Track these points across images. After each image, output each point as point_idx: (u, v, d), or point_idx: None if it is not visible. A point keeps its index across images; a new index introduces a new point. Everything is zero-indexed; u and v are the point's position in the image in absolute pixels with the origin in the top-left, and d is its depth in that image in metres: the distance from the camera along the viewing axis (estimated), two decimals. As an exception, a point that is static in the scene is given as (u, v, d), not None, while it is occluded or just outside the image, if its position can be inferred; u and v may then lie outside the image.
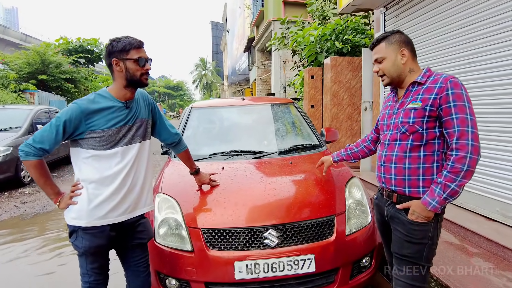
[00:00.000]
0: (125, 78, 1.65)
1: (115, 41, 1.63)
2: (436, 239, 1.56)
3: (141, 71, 1.65)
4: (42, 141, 1.55)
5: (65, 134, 1.57)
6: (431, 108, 1.49)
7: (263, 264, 1.95)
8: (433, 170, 1.53)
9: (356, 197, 2.34)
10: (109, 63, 1.65)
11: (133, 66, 1.63)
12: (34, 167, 1.57)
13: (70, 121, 1.57)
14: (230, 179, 2.39)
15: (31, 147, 1.53)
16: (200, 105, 3.61)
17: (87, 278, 1.71)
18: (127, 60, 1.62)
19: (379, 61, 1.64)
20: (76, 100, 1.65)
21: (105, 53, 1.67)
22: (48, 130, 1.55)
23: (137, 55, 1.63)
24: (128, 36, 1.67)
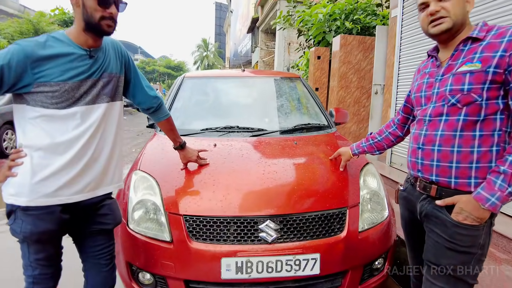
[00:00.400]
0: (82, 18, 1.24)
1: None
2: (487, 249, 1.19)
3: (101, 13, 1.22)
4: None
5: (3, 85, 1.17)
6: (495, 70, 1.09)
7: (256, 263, 1.58)
8: (491, 155, 1.14)
9: (372, 187, 1.96)
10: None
11: (91, 3, 1.21)
12: None
13: (10, 68, 1.15)
14: (223, 159, 2.00)
15: None
16: (193, 74, 3.19)
17: (31, 272, 1.32)
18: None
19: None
20: (19, 40, 1.23)
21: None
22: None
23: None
24: None
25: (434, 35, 1.23)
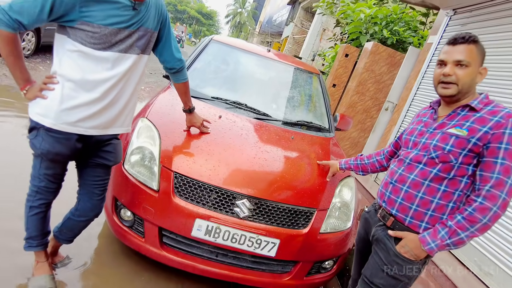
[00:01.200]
0: None
1: None
2: (413, 281, 1.39)
3: None
4: (21, 12, 1.26)
5: (52, 15, 1.29)
6: (476, 142, 1.24)
7: (224, 231, 1.80)
8: (446, 209, 1.31)
9: (345, 198, 2.14)
10: None
11: None
12: (5, 40, 1.30)
13: (62, 2, 1.28)
14: (223, 132, 2.16)
15: (5, 14, 1.25)
16: (221, 39, 3.26)
17: (37, 182, 1.52)
18: None
19: (461, 65, 1.28)
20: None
21: None
22: (32, 2, 1.26)
23: None
24: None
25: (439, 95, 1.37)
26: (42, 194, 1.56)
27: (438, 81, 1.35)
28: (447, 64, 1.31)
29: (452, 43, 1.32)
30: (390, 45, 6.50)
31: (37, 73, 5.46)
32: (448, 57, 1.31)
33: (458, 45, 1.30)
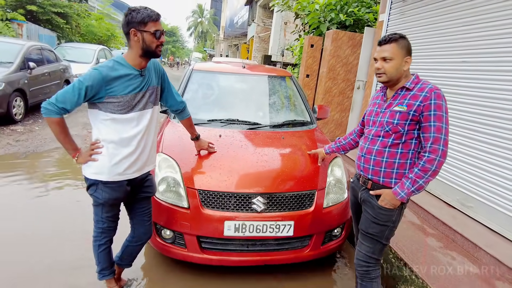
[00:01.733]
0: (141, 48, 1.77)
1: (135, 12, 1.72)
2: (397, 223, 1.85)
3: (156, 43, 1.78)
4: (64, 101, 1.69)
5: (86, 97, 1.72)
6: (414, 113, 1.70)
7: (249, 225, 2.24)
8: (406, 165, 1.78)
9: (337, 175, 2.61)
10: (127, 32, 1.75)
11: (150, 38, 1.75)
12: (56, 124, 1.73)
13: (92, 87, 1.70)
14: (227, 147, 2.61)
15: (54, 105, 1.68)
16: (200, 67, 3.70)
17: (101, 225, 1.96)
18: (145, 32, 1.73)
19: (386, 60, 1.74)
20: (97, 66, 1.77)
21: (123, 22, 1.76)
22: (71, 92, 1.69)
23: (154, 28, 1.75)
24: (146, 7, 1.76)
25: (379, 82, 1.84)
26: (106, 233, 1.99)
27: (375, 72, 1.83)
28: (377, 60, 1.79)
29: (379, 44, 1.80)
30: (350, 26, 7.01)
31: (33, 134, 5.80)
32: (377, 55, 1.79)
33: (383, 45, 1.77)
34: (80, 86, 1.69)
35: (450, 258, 2.56)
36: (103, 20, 17.80)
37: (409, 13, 4.37)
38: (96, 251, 2.02)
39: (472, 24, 3.27)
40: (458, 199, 3.29)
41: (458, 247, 2.76)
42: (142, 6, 1.77)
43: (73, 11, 14.30)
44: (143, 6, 1.77)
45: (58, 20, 13.16)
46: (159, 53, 1.84)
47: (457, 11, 3.48)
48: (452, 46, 3.54)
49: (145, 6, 1.78)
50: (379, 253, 1.88)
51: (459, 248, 2.74)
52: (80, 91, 1.69)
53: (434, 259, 2.52)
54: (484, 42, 3.11)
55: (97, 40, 16.68)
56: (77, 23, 14.99)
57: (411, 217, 3.28)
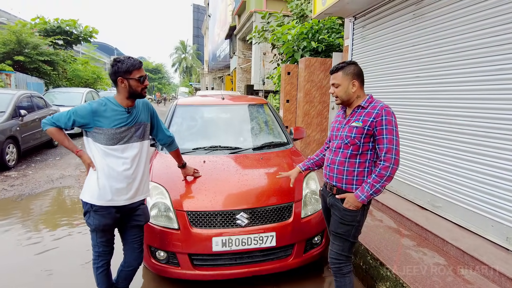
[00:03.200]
0: (128, 92, 2.08)
1: (120, 62, 2.04)
2: (362, 222, 2.12)
3: (141, 87, 2.10)
4: (58, 120, 2.07)
5: (75, 124, 2.05)
6: (368, 128, 2.00)
7: (235, 240, 2.48)
8: (364, 173, 2.07)
9: (312, 188, 2.90)
10: (114, 79, 2.07)
11: (135, 83, 2.07)
12: (52, 133, 2.09)
13: (82, 117, 2.03)
14: (210, 171, 2.88)
15: (50, 120, 2.07)
16: (183, 102, 4.04)
17: (97, 249, 2.17)
18: (130, 79, 2.05)
19: (335, 86, 2.09)
20: (91, 101, 2.09)
21: (110, 71, 2.09)
22: (64, 116, 2.05)
23: (138, 75, 2.07)
24: (129, 57, 2.08)
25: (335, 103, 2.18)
26: (102, 256, 2.20)
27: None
28: (331, 86, 2.13)
29: (330, 73, 2.15)
30: (322, 52, 7.54)
31: (27, 178, 5.97)
32: (330, 82, 2.13)
33: (332, 74, 2.12)
34: (72, 112, 2.04)
35: (422, 254, 2.81)
36: (89, 64, 18.36)
37: (369, 37, 4.85)
38: (95, 273, 2.22)
39: (420, 43, 3.71)
40: (429, 201, 3.58)
41: (429, 244, 3.01)
42: (126, 56, 2.10)
43: (59, 58, 14.80)
44: (126, 56, 2.10)
45: (45, 67, 13.59)
46: (144, 94, 2.16)
47: (407, 33, 3.94)
48: (406, 64, 3.97)
49: (128, 56, 2.10)
50: (349, 251, 2.13)
51: (430, 244, 3.00)
52: (71, 117, 2.04)
53: (407, 256, 2.77)
54: (432, 59, 3.53)
55: (83, 83, 17.13)
56: (64, 69, 15.45)
57: (388, 222, 3.54)
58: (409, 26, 3.88)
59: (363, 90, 2.13)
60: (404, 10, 3.98)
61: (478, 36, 2.96)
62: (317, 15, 5.46)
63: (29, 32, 13.70)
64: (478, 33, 2.96)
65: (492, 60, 2.82)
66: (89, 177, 2.11)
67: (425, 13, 3.61)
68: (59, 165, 7.05)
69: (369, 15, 4.84)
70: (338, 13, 5.37)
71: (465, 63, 3.11)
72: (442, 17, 3.37)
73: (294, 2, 9.61)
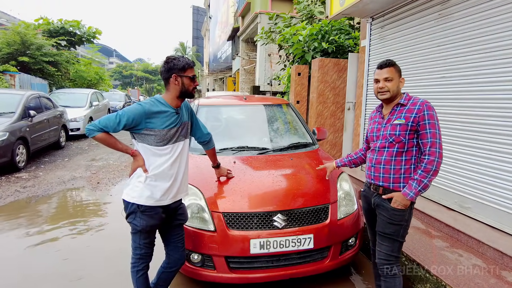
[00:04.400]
0: (180, 90, 2.07)
1: (176, 60, 2.04)
2: (409, 221, 2.08)
3: (193, 86, 2.10)
4: (106, 126, 1.96)
5: (125, 127, 1.98)
6: (411, 124, 1.98)
7: (273, 242, 2.42)
8: (411, 170, 2.03)
9: (345, 189, 2.85)
10: (168, 77, 2.05)
11: (188, 81, 2.07)
12: (100, 139, 1.99)
13: (134, 119, 1.96)
14: (243, 172, 2.83)
15: (96, 126, 1.96)
16: (205, 102, 3.99)
17: (139, 251, 2.12)
18: (185, 77, 2.05)
19: (388, 80, 2.06)
20: (141, 102, 2.04)
21: (164, 68, 2.05)
22: (113, 119, 1.96)
23: (191, 73, 2.08)
24: (183, 56, 2.10)
25: (381, 99, 2.13)
26: (143, 258, 2.15)
27: (376, 92, 2.13)
28: (380, 81, 2.09)
29: (380, 67, 2.11)
30: (332, 53, 7.52)
31: (39, 180, 5.89)
32: (379, 76, 2.09)
33: (384, 68, 2.08)
34: (123, 115, 1.95)
35: (458, 255, 2.77)
36: (91, 65, 18.28)
37: (388, 38, 4.82)
38: (135, 277, 2.16)
39: (446, 44, 3.68)
40: (456, 202, 3.54)
41: (463, 245, 2.97)
42: (179, 55, 2.11)
43: (63, 58, 14.71)
44: (179, 55, 2.11)
45: (49, 68, 13.52)
46: (194, 93, 2.16)
47: (431, 33, 3.91)
48: (431, 64, 3.94)
49: (181, 55, 2.11)
50: (398, 251, 2.08)
51: (464, 246, 2.96)
52: (122, 119, 1.95)
53: (443, 257, 2.73)
54: (460, 59, 3.50)
55: (86, 84, 17.05)
56: (67, 70, 15.36)
57: (416, 223, 3.50)
58: (434, 26, 3.85)
59: None
60: (428, 10, 3.95)
61: (509, 36, 2.93)
62: (334, 15, 5.43)
63: (33, 33, 13.62)
64: (509, 33, 2.93)
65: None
66: (135, 177, 2.06)
67: (452, 13, 3.59)
68: (68, 166, 6.97)
69: (389, 16, 4.81)
70: (356, 14, 5.34)
71: (495, 63, 3.09)
72: (471, 17, 3.34)
73: (303, 3, 9.59)
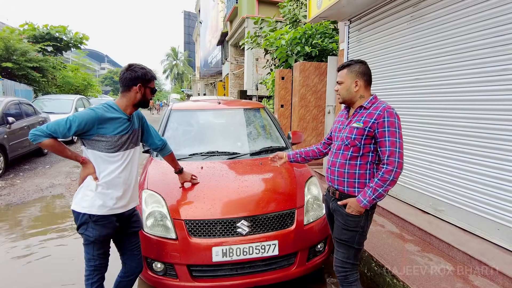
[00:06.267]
0: (139, 100, 2.05)
1: (144, 70, 2.04)
2: (366, 228, 2.02)
3: (150, 97, 2.12)
4: (55, 131, 1.86)
5: (76, 132, 1.89)
6: (369, 129, 1.92)
7: (236, 249, 2.36)
8: (366, 175, 1.98)
9: (314, 193, 2.80)
10: (132, 85, 2.00)
11: (149, 93, 2.09)
12: (48, 146, 1.87)
13: (86, 124, 1.88)
14: (209, 178, 2.77)
15: (44, 132, 1.84)
16: (178, 107, 3.93)
17: (93, 263, 2.03)
18: (148, 88, 2.06)
19: (339, 83, 2.04)
20: (93, 107, 1.96)
21: (130, 76, 1.99)
22: (63, 124, 1.86)
23: (153, 85, 2.11)
24: (146, 67, 2.08)
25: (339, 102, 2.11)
26: (98, 270, 2.06)
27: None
28: (336, 84, 2.06)
29: (337, 70, 2.08)
30: (316, 57, 7.51)
31: (15, 188, 5.76)
32: (336, 79, 2.06)
33: (339, 71, 2.05)
34: (74, 120, 1.87)
35: (428, 260, 2.73)
36: (79, 71, 18.10)
37: (365, 40, 4.82)
38: None
39: (419, 45, 3.68)
40: (431, 205, 3.52)
41: (434, 248, 2.94)
42: (142, 65, 2.08)
43: (49, 64, 14.54)
44: (142, 65, 2.08)
45: (34, 74, 13.32)
46: (149, 104, 2.14)
47: (404, 35, 3.91)
48: (404, 66, 3.93)
49: (144, 66, 2.08)
50: (354, 258, 2.03)
51: (435, 249, 2.92)
52: (72, 124, 1.86)
53: (413, 262, 2.69)
54: (432, 60, 3.50)
55: (74, 90, 16.85)
56: (53, 75, 15.18)
57: (390, 227, 3.46)
58: (407, 28, 3.85)
59: (368, 91, 2.04)
60: (401, 13, 3.96)
61: (481, 36, 2.92)
62: (312, 18, 5.42)
63: (17, 38, 13.43)
64: (481, 33, 2.92)
65: (497, 60, 2.78)
66: (84, 186, 1.99)
67: (423, 15, 3.59)
68: (48, 174, 6.84)
69: (365, 18, 4.82)
70: (333, 17, 5.34)
71: (468, 64, 3.07)
72: (442, 18, 3.34)
73: (287, 7, 9.62)
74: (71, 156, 1.99)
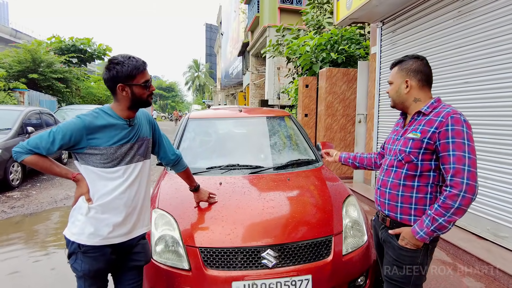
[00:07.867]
0: (130, 101, 1.61)
1: (119, 65, 1.54)
2: (425, 266, 1.57)
3: (147, 93, 1.63)
4: (37, 147, 1.52)
5: (62, 146, 1.53)
6: (428, 141, 1.49)
7: (260, 285, 1.94)
8: (426, 200, 1.54)
9: (353, 216, 2.35)
10: (113, 86, 1.58)
11: (140, 90, 1.59)
12: (31, 163, 1.55)
13: (71, 136, 1.52)
14: (228, 196, 2.38)
15: (25, 148, 1.52)
16: (196, 115, 3.60)
17: None
18: (134, 85, 1.58)
19: (390, 83, 1.65)
20: (80, 114, 1.60)
21: (107, 77, 1.59)
22: (46, 139, 1.52)
23: (143, 79, 1.59)
24: (130, 57, 1.59)
25: None
26: None
27: None
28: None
29: (390, 68, 1.67)
30: (342, 63, 7.09)
31: (30, 199, 5.59)
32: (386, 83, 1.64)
33: (390, 70, 1.64)
34: (57, 132, 1.52)
35: (497, 302, 2.21)
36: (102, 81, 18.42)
37: (400, 42, 4.37)
38: None
39: (468, 44, 3.20)
40: (489, 229, 2.98)
41: (502, 286, 2.40)
42: (125, 55, 1.59)
43: (73, 75, 14.81)
44: (126, 55, 1.60)
45: (58, 85, 13.57)
46: (151, 102, 1.70)
47: (450, 34, 3.44)
48: (451, 68, 3.45)
49: (129, 56, 1.61)
50: (411, 304, 1.57)
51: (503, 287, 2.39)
52: (56, 137, 1.51)
53: (478, 304, 2.18)
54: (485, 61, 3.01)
55: (96, 100, 17.09)
56: (77, 86, 15.45)
57: (440, 254, 2.95)
58: (453, 25, 3.39)
59: (425, 92, 1.60)
60: (445, 8, 3.50)
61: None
62: (341, 20, 5.03)
63: (44, 51, 13.78)
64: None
65: None
66: (77, 208, 1.63)
67: (474, 9, 3.12)
68: (65, 185, 6.68)
69: (400, 18, 4.37)
70: (364, 18, 4.93)
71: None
72: (496, 12, 2.86)
73: (310, 14, 9.28)
74: (60, 174, 1.63)
